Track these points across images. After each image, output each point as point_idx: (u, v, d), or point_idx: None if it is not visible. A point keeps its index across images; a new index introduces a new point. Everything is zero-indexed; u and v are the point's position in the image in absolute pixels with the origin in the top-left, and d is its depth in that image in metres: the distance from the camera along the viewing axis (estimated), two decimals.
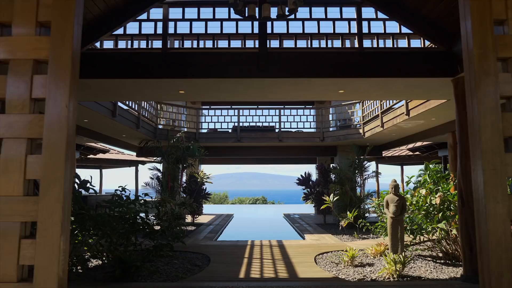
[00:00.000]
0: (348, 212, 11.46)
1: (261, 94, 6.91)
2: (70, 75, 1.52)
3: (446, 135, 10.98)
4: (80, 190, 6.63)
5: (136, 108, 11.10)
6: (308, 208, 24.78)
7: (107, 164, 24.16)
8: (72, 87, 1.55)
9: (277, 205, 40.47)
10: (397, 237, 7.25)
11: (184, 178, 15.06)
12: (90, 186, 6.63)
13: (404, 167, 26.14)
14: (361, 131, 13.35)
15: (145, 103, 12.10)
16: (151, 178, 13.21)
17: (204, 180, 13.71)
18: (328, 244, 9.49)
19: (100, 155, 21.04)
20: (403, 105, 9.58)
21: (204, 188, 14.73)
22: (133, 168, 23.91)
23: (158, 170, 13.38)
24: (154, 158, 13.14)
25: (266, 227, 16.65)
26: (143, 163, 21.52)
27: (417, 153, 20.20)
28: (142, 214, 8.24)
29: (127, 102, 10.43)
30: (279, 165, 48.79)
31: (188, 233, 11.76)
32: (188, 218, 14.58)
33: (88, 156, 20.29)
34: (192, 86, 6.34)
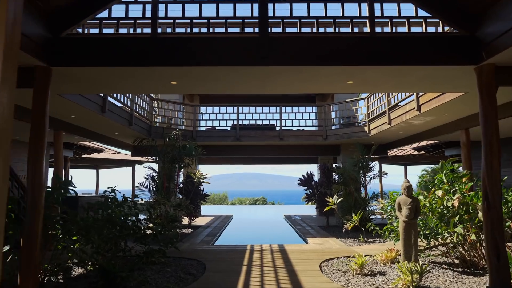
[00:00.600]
0: (353, 214, 10.83)
1: (261, 86, 6.28)
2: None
3: (454, 133, 10.35)
4: (63, 191, 5.99)
5: (128, 104, 10.46)
6: (309, 209, 24.16)
7: (104, 164, 23.56)
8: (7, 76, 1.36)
9: (277, 205, 39.93)
10: (410, 242, 6.62)
11: (181, 179, 14.43)
12: (71, 188, 5.98)
13: (408, 167, 25.57)
14: (366, 129, 12.72)
15: (139, 99, 11.47)
16: (145, 178, 12.58)
17: (201, 180, 13.06)
18: (333, 249, 8.86)
19: (95, 155, 20.44)
20: (413, 100, 8.95)
21: (202, 189, 14.09)
22: (130, 168, 23.33)
23: (153, 170, 12.74)
24: (149, 157, 12.50)
25: (266, 229, 16.02)
26: (140, 163, 20.91)
27: (422, 152, 19.58)
28: (139, 217, 7.64)
29: (119, 98, 9.80)
30: (279, 165, 48.21)
31: (184, 236, 11.14)
32: (185, 220, 13.97)
33: (83, 156, 19.73)
34: (185, 76, 5.71)
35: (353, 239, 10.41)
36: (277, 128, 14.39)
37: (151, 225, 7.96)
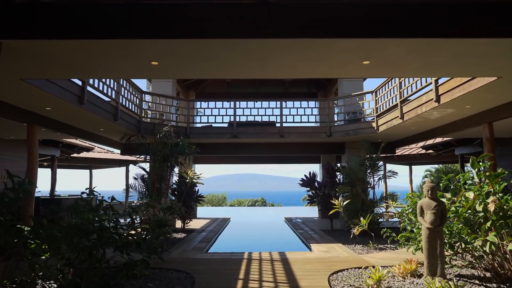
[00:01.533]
0: (361, 218, 9.83)
1: (260, 68, 5.28)
2: None
3: (471, 129, 9.38)
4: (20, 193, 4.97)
5: (112, 95, 9.43)
6: (311, 211, 23.16)
7: (96, 164, 22.53)
8: None
9: (277, 207, 38.96)
10: (436, 253, 5.62)
11: (175, 179, 13.42)
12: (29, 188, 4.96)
13: (413, 167, 24.60)
14: (374, 124, 11.72)
15: (126, 91, 10.45)
16: (134, 178, 11.57)
17: (194, 180, 12.03)
18: (341, 258, 7.85)
19: (86, 154, 19.41)
20: (431, 90, 7.96)
21: (196, 190, 13.07)
22: (124, 168, 22.29)
23: (143, 169, 11.72)
24: (137, 156, 11.48)
25: (266, 234, 15.00)
26: (135, 162, 19.97)
27: (430, 151, 18.58)
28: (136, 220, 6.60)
29: (101, 88, 8.78)
30: (279, 165, 47.34)
31: (176, 242, 10.13)
32: (179, 224, 12.96)
33: (73, 155, 18.70)
34: (167, 55, 4.70)
35: (361, 246, 9.41)
36: (277, 125, 13.38)
37: (134, 231, 6.94)
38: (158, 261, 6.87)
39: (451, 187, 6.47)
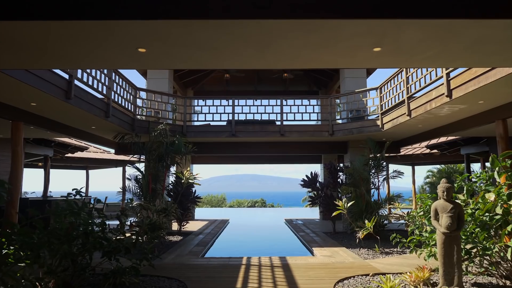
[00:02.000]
0: (366, 221, 9.34)
1: (260, 56, 4.78)
2: None
3: (481, 127, 8.90)
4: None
5: (103, 90, 8.92)
6: (311, 213, 22.67)
7: (92, 164, 22.02)
8: None
9: (276, 208, 38.51)
10: (452, 261, 5.11)
11: (171, 179, 12.91)
12: None
13: (415, 167, 24.10)
14: (378, 122, 11.22)
15: (118, 86, 9.94)
16: (128, 179, 11.06)
17: (189, 181, 11.51)
18: (346, 263, 7.35)
19: (80, 154, 18.89)
20: (442, 84, 7.46)
21: (194, 191, 12.56)
22: (121, 168, 21.76)
23: (138, 169, 11.22)
24: (131, 156, 10.98)
25: (265, 236, 14.48)
26: (132, 162, 19.49)
27: (435, 151, 18.07)
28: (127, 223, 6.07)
29: (91, 83, 8.28)
30: (279, 165, 46.91)
31: (172, 245, 9.63)
32: (175, 226, 12.46)
33: (67, 155, 18.18)
34: (155, 39, 4.20)
35: (366, 250, 8.91)
36: (278, 123, 12.87)
37: (124, 236, 6.42)
38: (149, 268, 6.36)
39: (466, 188, 5.98)
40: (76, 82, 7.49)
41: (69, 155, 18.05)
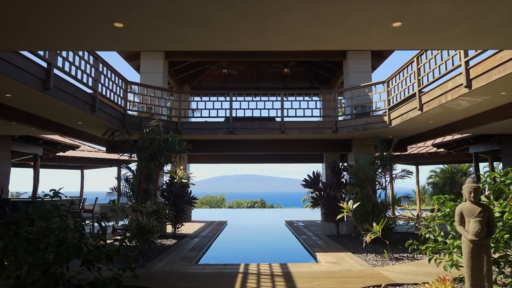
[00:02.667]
0: (374, 224, 8.64)
1: (259, 34, 4.09)
2: None
3: (496, 123, 8.22)
4: None
5: (88, 82, 8.21)
6: (312, 214, 21.91)
7: (86, 164, 21.27)
8: None
9: (276, 209, 37.81)
10: (482, 273, 4.41)
11: (166, 179, 12.20)
12: None
13: (419, 167, 23.45)
14: (385, 118, 10.52)
15: (105, 78, 9.23)
16: (116, 178, 10.36)
17: (183, 180, 10.80)
18: (354, 272, 6.64)
19: (72, 153, 18.18)
20: (460, 73, 6.76)
21: (189, 191, 11.85)
22: (115, 168, 21.06)
23: (128, 168, 10.51)
24: (121, 154, 10.27)
25: (265, 240, 13.76)
26: (125, 161, 18.76)
27: (441, 149, 17.38)
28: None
29: (74, 73, 7.58)
30: (279, 165, 46.26)
31: (164, 250, 8.92)
32: (169, 228, 11.76)
33: (58, 154, 17.47)
34: (132, 9, 3.50)
35: (374, 255, 8.21)
36: (278, 119, 12.17)
37: (104, 242, 5.72)
38: (133, 278, 5.65)
39: (493, 189, 5.29)
40: (56, 71, 6.78)
41: (61, 154, 17.34)
